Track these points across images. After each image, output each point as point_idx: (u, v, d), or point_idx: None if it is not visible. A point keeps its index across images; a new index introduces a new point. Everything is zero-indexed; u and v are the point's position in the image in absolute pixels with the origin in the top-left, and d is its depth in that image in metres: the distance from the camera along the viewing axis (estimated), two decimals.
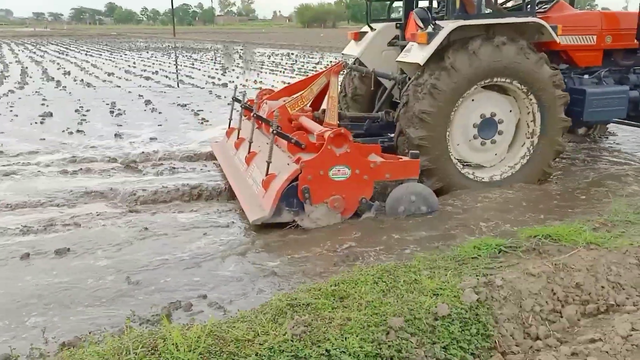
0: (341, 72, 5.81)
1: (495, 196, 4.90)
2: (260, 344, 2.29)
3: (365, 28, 6.30)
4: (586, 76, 5.66)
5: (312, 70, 18.79)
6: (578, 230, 3.56)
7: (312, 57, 26.31)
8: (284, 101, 5.71)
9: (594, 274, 3.11)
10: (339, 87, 6.05)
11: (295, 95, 5.68)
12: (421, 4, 6.11)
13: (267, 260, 3.75)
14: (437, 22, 4.81)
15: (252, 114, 5.17)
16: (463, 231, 4.11)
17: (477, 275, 2.95)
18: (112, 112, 10.26)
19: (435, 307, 2.62)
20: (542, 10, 5.57)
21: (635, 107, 5.87)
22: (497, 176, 5.19)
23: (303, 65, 21.17)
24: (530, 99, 5.08)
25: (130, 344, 2.20)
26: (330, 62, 22.79)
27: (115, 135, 8.02)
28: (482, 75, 4.85)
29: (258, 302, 2.91)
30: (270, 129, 4.50)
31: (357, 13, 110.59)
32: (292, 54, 29.73)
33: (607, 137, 7.49)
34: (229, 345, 2.27)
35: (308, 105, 5.71)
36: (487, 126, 5.13)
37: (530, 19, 4.90)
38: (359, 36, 6.29)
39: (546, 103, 5.05)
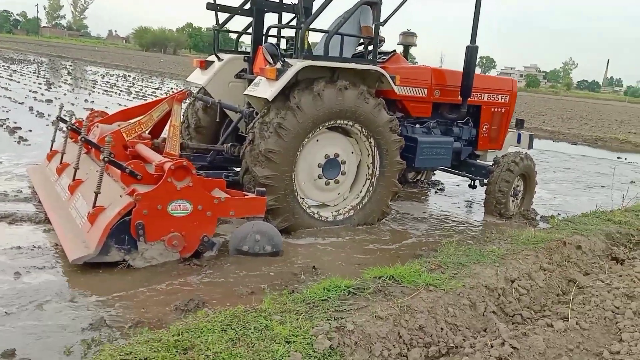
0: (184, 101, 5.50)
1: (339, 235, 4.97)
2: None
3: (212, 57, 6.09)
4: (417, 126, 6.10)
5: (151, 94, 17.90)
6: (417, 271, 3.70)
7: (151, 82, 25.15)
8: (119, 126, 5.20)
9: (434, 315, 3.22)
10: (182, 116, 5.71)
11: (132, 121, 5.20)
12: (270, 40, 6.11)
13: (95, 305, 3.23)
14: (285, 59, 4.80)
15: (79, 137, 4.58)
16: (310, 272, 4.04)
17: (328, 320, 2.85)
18: None
19: (289, 356, 2.45)
20: (381, 60, 5.92)
21: (457, 157, 6.48)
22: (340, 215, 5.28)
23: (141, 89, 20.05)
24: (370, 142, 5.29)
25: None
26: (171, 88, 22.03)
27: None
28: (325, 117, 4.93)
29: (82, 358, 2.45)
30: (101, 156, 4.00)
31: (199, 42, 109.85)
32: (129, 76, 28.11)
33: (433, 184, 8.16)
34: None
35: (146, 132, 5.27)
36: (331, 166, 5.21)
37: (372, 67, 5.14)
38: (205, 64, 6.05)
39: (384, 146, 5.30)
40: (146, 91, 19.44)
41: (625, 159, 13.87)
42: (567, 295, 4.13)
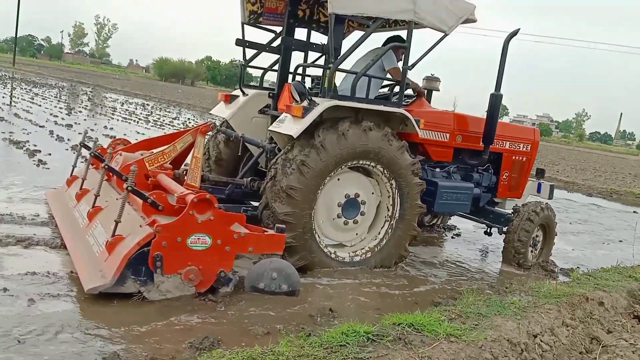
0: (208, 134, 5.54)
1: (356, 277, 4.88)
2: None
3: (237, 92, 6.16)
4: (438, 170, 6.07)
5: (169, 124, 18.13)
6: (437, 320, 3.60)
7: (169, 112, 25.51)
8: (142, 155, 5.22)
9: None
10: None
11: (155, 150, 5.22)
12: (297, 78, 6.18)
13: (108, 338, 3.16)
14: (312, 98, 4.83)
15: (102, 165, 4.60)
16: (327, 314, 3.94)
17: None
18: None
19: None
20: (405, 103, 5.94)
21: (476, 203, 6.42)
22: (357, 257, 5.20)
23: (159, 118, 20.32)
24: (392, 183, 5.26)
25: None
26: (188, 119, 22.32)
27: None
28: (349, 157, 4.92)
29: None
30: (124, 185, 3.99)
31: (216, 75, 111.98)
32: (148, 104, 28.58)
33: (449, 229, 8.07)
34: None
35: (168, 162, 5.28)
36: (351, 206, 5.17)
37: (398, 109, 5.15)
38: (229, 98, 6.11)
39: (405, 189, 5.27)
40: (164, 120, 19.69)
41: None
42: (590, 353, 4.00)
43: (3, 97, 19.37)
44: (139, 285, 3.72)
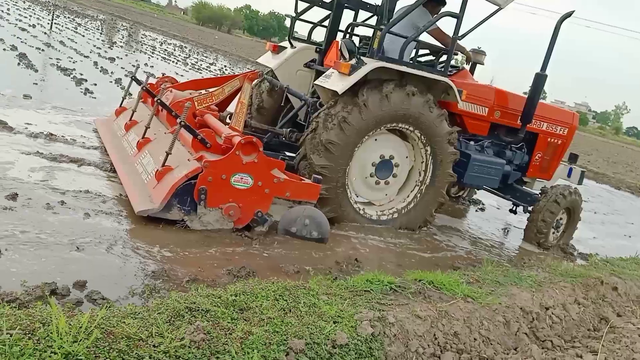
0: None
1: (382, 235, 5.09)
2: (154, 345, 2.08)
3: (285, 43, 6.28)
4: (472, 142, 6.16)
5: (206, 69, 18.30)
6: (456, 281, 3.80)
7: (206, 56, 25.64)
8: (190, 94, 5.43)
9: (469, 325, 3.33)
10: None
11: (204, 91, 5.43)
12: (340, 36, 6.25)
13: (156, 255, 3.46)
14: (361, 57, 4.94)
15: (155, 99, 4.82)
16: (352, 263, 4.19)
17: (371, 309, 3.00)
18: None
19: (335, 334, 2.60)
20: (449, 73, 5.99)
21: (504, 180, 6.52)
22: (384, 216, 5.40)
23: (197, 62, 20.50)
24: (427, 150, 5.40)
25: (3, 322, 1.85)
26: (225, 66, 22.42)
27: None
28: (389, 119, 5.06)
29: (146, 300, 2.66)
30: (178, 119, 4.22)
31: (254, 25, 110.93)
32: (185, 47, 28.71)
33: (474, 202, 8.21)
34: (119, 342, 2.03)
35: (214, 104, 5.49)
36: (384, 167, 5.34)
37: (443, 78, 5.23)
38: (277, 49, 6.24)
39: (439, 156, 5.40)
40: (201, 65, 19.87)
41: None
42: (598, 331, 4.18)
43: (48, 23, 19.68)
44: (183, 214, 4.00)
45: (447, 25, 5.32)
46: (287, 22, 6.75)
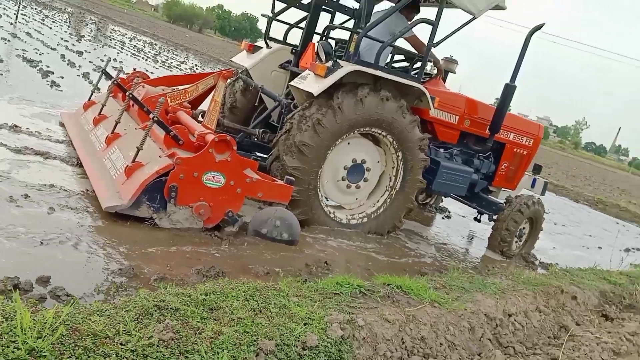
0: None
1: (351, 239, 5.12)
2: (121, 343, 2.03)
3: (261, 43, 6.25)
4: (441, 150, 6.26)
5: (177, 67, 18.07)
6: (424, 286, 3.85)
7: (177, 54, 25.30)
8: (163, 90, 5.35)
9: (436, 330, 3.37)
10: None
11: (178, 88, 5.35)
12: (317, 38, 6.27)
13: (124, 252, 3.38)
14: (337, 60, 4.96)
15: (127, 94, 4.73)
16: (322, 266, 4.20)
17: (341, 312, 3.00)
18: None
19: (305, 336, 2.59)
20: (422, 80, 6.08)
21: (471, 188, 6.64)
22: (354, 220, 5.43)
23: (167, 60, 20.19)
24: (398, 155, 5.45)
25: None
26: (195, 65, 22.17)
27: None
28: (362, 123, 5.09)
29: (112, 297, 2.60)
30: (151, 115, 4.15)
31: (226, 26, 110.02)
32: (156, 44, 28.25)
33: (440, 210, 8.33)
34: (85, 340, 1.97)
35: (186, 102, 5.42)
36: (356, 171, 5.37)
37: (417, 84, 5.29)
38: (253, 49, 6.21)
39: (410, 162, 5.45)
40: (172, 62, 19.59)
41: (624, 225, 14.08)
42: (558, 339, 4.29)
43: (14, 14, 19.07)
44: (152, 211, 3.92)
45: (422, 32, 5.40)
46: (260, 24, 6.76)
